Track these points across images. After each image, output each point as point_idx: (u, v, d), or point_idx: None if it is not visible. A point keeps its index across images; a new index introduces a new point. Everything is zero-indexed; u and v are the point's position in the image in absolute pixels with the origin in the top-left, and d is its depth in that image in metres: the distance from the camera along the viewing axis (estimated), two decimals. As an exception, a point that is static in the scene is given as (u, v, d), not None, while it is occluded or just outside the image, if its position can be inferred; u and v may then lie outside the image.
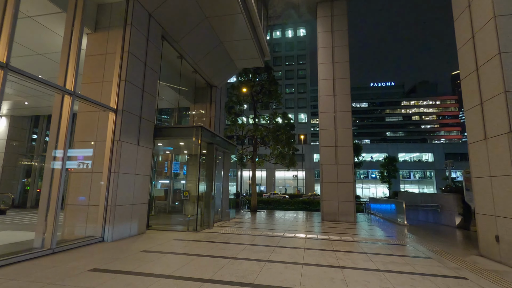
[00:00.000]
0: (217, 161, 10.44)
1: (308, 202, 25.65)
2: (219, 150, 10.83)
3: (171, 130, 8.76)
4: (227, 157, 11.49)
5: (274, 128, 15.87)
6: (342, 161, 11.91)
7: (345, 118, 12.18)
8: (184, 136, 8.72)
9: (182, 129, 8.72)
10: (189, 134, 8.63)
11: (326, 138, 12.24)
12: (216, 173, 11.24)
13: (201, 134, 8.35)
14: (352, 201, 11.54)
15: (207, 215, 8.79)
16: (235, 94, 16.54)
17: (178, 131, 8.71)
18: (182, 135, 8.70)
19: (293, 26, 67.15)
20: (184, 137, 8.82)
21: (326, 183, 11.91)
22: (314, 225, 10.43)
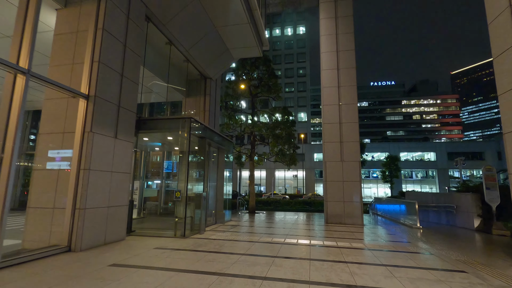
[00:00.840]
0: (211, 158, 9.43)
1: (309, 203, 24.63)
2: (213, 146, 9.81)
3: (156, 122, 7.75)
4: (222, 154, 10.48)
5: (273, 125, 14.86)
6: (347, 157, 10.90)
7: (350, 111, 11.18)
8: (171, 129, 7.70)
9: (168, 121, 7.71)
10: (176, 126, 7.61)
11: (330, 133, 11.23)
12: (210, 171, 10.22)
13: (190, 126, 7.33)
14: (359, 202, 10.53)
15: (198, 218, 7.77)
16: (231, 88, 15.52)
17: (164, 123, 7.70)
18: (168, 128, 7.68)
19: (293, 24, 66.25)
20: (171, 130, 7.80)
21: (330, 182, 10.90)
22: (318, 228, 9.42)
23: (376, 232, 8.87)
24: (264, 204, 25.00)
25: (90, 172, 5.58)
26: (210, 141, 9.19)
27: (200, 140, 8.46)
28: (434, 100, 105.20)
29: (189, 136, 7.36)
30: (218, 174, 10.22)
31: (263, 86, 15.24)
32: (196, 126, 7.74)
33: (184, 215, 7.17)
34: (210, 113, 12.53)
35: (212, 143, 9.52)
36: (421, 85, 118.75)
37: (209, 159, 9.39)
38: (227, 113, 15.19)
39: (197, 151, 8.48)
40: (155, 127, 7.74)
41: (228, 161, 11.64)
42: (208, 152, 9.47)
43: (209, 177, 9.39)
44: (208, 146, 9.48)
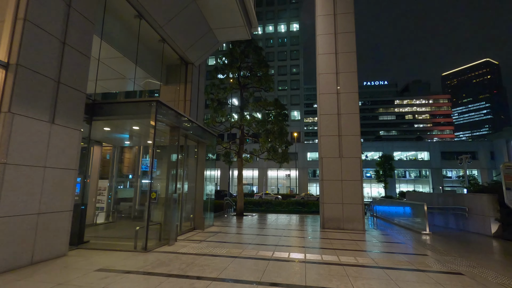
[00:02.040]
0: (189, 154, 7.96)
1: (302, 203, 23.35)
2: (191, 139, 8.34)
3: (115, 107, 6.23)
4: (202, 149, 9.00)
5: (264, 118, 13.44)
6: (347, 153, 9.57)
7: (350, 100, 9.85)
8: (133, 115, 6.19)
9: (129, 105, 6.19)
10: (139, 111, 6.12)
11: (327, 126, 9.88)
12: (188, 169, 8.75)
13: (156, 111, 5.85)
14: (360, 204, 9.21)
15: (168, 225, 6.29)
16: (218, 79, 14.03)
17: (124, 107, 6.18)
18: (130, 114, 6.17)
19: (286, 21, 65.02)
20: (134, 117, 6.29)
21: (327, 182, 9.55)
22: (314, 235, 8.04)
23: (382, 240, 7.55)
24: (255, 205, 23.58)
25: (6, 168, 4.05)
26: (186, 133, 7.70)
27: (172, 131, 6.97)
28: (426, 100, 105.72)
29: (155, 123, 5.87)
30: (198, 172, 8.74)
31: (253, 76, 13.80)
32: (165, 112, 6.25)
33: (146, 222, 5.68)
34: (191, 103, 11.03)
35: (190, 136, 8.04)
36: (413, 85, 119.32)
37: (186, 154, 7.91)
38: (213, 105, 13.69)
39: (169, 144, 6.99)
40: (114, 113, 6.22)
41: (211, 157, 10.17)
42: (185, 146, 8.00)
43: (185, 175, 7.91)
44: (185, 139, 8.00)
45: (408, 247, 6.68)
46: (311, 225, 10.41)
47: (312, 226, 9.97)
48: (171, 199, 6.40)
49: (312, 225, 10.26)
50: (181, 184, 7.84)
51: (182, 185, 7.80)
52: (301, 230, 9.08)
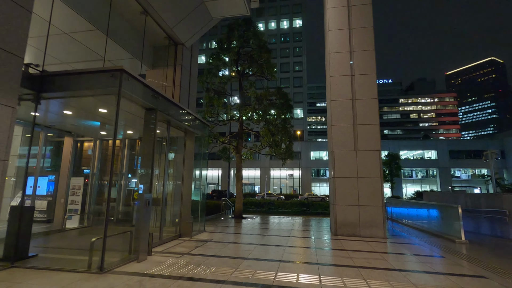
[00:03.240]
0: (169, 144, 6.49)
1: (307, 204, 21.78)
2: (175, 127, 6.85)
3: (68, 80, 4.74)
4: (191, 140, 7.51)
5: (265, 107, 11.92)
6: (364, 146, 8.04)
7: (367, 83, 8.33)
8: (91, 90, 4.70)
9: (86, 76, 4.68)
10: (100, 84, 4.65)
11: (339, 114, 8.35)
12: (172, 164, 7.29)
13: (120, 84, 4.37)
14: (380, 206, 7.68)
15: (139, 233, 4.81)
16: (214, 65, 12.55)
17: (80, 80, 4.69)
18: (88, 88, 4.69)
19: (289, 16, 63.49)
20: (93, 92, 4.80)
21: (340, 180, 8.03)
22: (326, 246, 6.53)
23: (413, 252, 6.01)
24: (256, 206, 22.07)
25: None
26: (168, 118, 6.22)
27: (147, 113, 5.49)
28: (432, 98, 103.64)
29: (119, 99, 4.40)
30: (185, 168, 7.26)
31: (252, 61, 12.29)
32: (134, 87, 4.77)
33: (104, 232, 4.19)
34: (182, 89, 9.57)
35: (174, 123, 6.55)
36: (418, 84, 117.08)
37: (168, 146, 6.43)
38: (208, 95, 12.19)
39: (143, 132, 5.51)
40: (68, 87, 4.74)
41: (202, 150, 8.69)
42: (167, 136, 6.51)
43: (168, 171, 6.44)
44: (167, 126, 6.52)
45: (450, 263, 5.15)
46: (320, 230, 8.90)
47: (322, 232, 8.45)
48: (143, 200, 4.92)
49: (321, 231, 8.75)
50: (163, 182, 6.37)
51: (163, 183, 6.32)
52: (309, 237, 7.57)
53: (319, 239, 7.22)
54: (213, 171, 53.23)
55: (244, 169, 52.85)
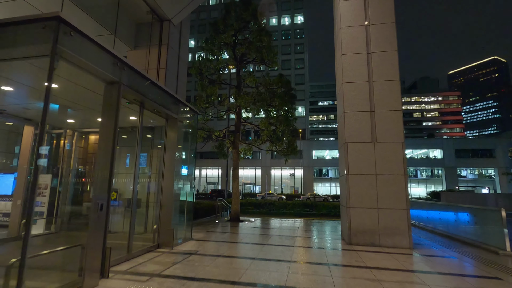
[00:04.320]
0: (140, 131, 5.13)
1: (310, 205, 20.42)
2: (151, 110, 5.49)
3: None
4: (173, 128, 6.13)
5: (265, 96, 10.54)
6: (384, 136, 6.68)
7: (387, 62, 6.95)
8: (18, 48, 3.35)
9: (11, 28, 3.33)
10: (29, 40, 3.29)
11: (352, 98, 6.98)
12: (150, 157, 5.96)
13: (56, 39, 3.02)
14: (405, 209, 6.31)
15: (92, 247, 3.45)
16: (208, 50, 11.17)
17: (6, 35, 3.34)
18: (14, 45, 3.34)
19: (290, 13, 62.11)
20: (25, 51, 3.44)
21: (354, 177, 6.66)
22: (341, 260, 5.17)
23: (456, 270, 4.64)
24: (256, 207, 20.73)
25: None
26: (141, 99, 4.87)
27: (109, 89, 4.14)
28: (435, 97, 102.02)
29: (52, 61, 3.04)
30: (165, 163, 5.90)
31: (250, 45, 10.90)
32: (81, 45, 3.41)
33: (22, 251, 2.84)
34: (168, 72, 8.22)
35: (149, 104, 5.20)
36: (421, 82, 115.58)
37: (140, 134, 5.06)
38: (201, 83, 10.81)
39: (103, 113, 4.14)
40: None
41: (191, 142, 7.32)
42: (139, 120, 5.15)
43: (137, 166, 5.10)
44: (140, 109, 5.16)
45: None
46: (329, 237, 7.54)
47: (332, 240, 7.08)
48: (94, 203, 3.56)
49: (330, 238, 7.39)
50: (133, 179, 5.01)
51: (133, 182, 4.97)
52: (319, 248, 6.19)
53: (331, 251, 5.85)
54: (213, 170, 51.93)
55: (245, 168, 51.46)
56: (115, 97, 4.11)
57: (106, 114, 4.10)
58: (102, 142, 4.01)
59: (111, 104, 4.10)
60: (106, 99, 4.15)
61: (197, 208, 11.14)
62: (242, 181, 49.64)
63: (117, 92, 4.13)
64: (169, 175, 5.83)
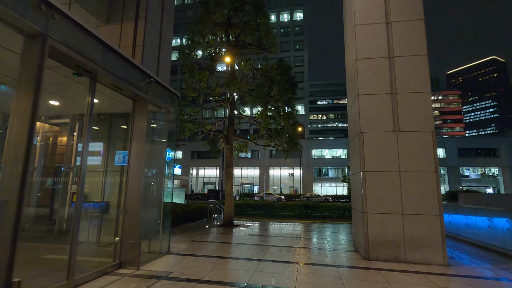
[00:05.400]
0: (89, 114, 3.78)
1: (312, 206, 19.09)
2: (106, 83, 4.13)
3: None
4: (142, 113, 4.76)
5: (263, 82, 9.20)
6: (408, 124, 5.37)
7: (411, 33, 5.65)
8: None
9: None
10: None
11: (369, 78, 5.68)
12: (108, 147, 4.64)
13: None
14: (438, 215, 5.01)
15: None
16: (198, 32, 9.82)
17: None
18: None
19: (289, 9, 60.84)
20: None
21: (372, 175, 5.35)
22: (361, 286, 3.85)
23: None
24: (253, 208, 19.40)
25: None
26: (92, 67, 3.53)
27: (28, 46, 2.81)
28: (435, 96, 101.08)
29: None
30: (131, 156, 4.55)
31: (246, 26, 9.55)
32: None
33: None
34: (146, 50, 6.89)
35: (105, 77, 3.85)
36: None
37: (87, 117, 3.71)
38: (188, 68, 9.45)
39: (20, 77, 2.82)
40: None
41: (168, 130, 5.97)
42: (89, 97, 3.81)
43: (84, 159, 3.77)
44: (91, 82, 3.81)
45: None
46: (340, 247, 6.22)
47: (343, 253, 5.76)
48: None
49: (341, 249, 6.07)
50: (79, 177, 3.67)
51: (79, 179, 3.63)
52: (329, 265, 4.87)
53: (346, 270, 4.53)
54: (210, 170, 50.57)
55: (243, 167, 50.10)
56: (37, 56, 2.78)
57: (23, 82, 2.76)
58: (15, 124, 2.68)
59: (31, 67, 2.77)
60: (25, 60, 2.81)
61: (185, 211, 9.82)
62: (241, 181, 48.34)
63: (41, 48, 2.79)
64: (136, 172, 4.49)
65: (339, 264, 4.85)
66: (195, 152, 50.70)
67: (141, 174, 4.49)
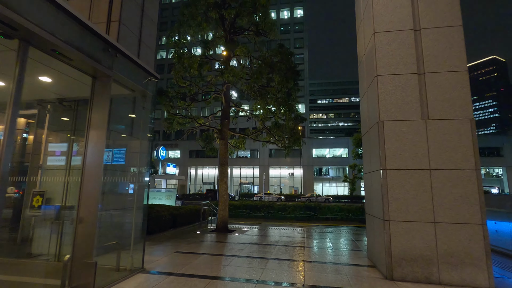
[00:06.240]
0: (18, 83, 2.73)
1: (313, 208, 18.06)
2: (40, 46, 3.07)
3: None
4: (102, 90, 3.71)
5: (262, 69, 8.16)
6: (440, 111, 4.34)
7: (443, 1, 4.61)
8: None
9: None
10: None
11: (390, 54, 4.65)
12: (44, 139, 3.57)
13: None
14: (480, 224, 3.99)
15: None
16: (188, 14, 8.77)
17: None
18: None
19: (290, 6, 59.81)
20: None
21: (395, 173, 4.32)
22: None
23: None
24: (251, 210, 18.39)
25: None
26: (15, 19, 2.49)
27: None
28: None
29: None
30: (88, 149, 3.51)
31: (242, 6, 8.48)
32: None
33: None
34: (123, 27, 5.84)
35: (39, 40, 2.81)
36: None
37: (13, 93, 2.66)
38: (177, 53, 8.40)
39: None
40: None
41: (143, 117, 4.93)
42: (17, 67, 2.76)
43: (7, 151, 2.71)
44: (21, 46, 2.77)
45: None
46: (352, 262, 5.19)
47: (358, 271, 4.72)
48: None
49: (354, 264, 5.04)
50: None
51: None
52: (343, 285, 3.83)
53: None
54: (209, 170, 49.53)
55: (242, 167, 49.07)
56: None
57: None
58: None
59: None
60: None
61: (174, 215, 8.78)
62: (240, 180, 47.34)
63: None
64: (95, 169, 3.45)
65: (356, 286, 3.82)
66: (194, 151, 49.69)
67: (101, 172, 3.45)
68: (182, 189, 47.21)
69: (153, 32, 7.05)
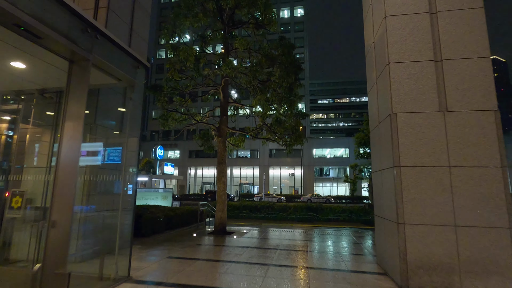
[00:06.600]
0: None
1: (315, 208, 17.61)
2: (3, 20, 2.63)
3: None
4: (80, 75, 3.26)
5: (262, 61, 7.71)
6: (460, 102, 3.91)
7: (461, -21, 4.19)
8: None
9: None
10: None
11: (403, 40, 4.21)
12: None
13: None
14: (508, 228, 3.55)
15: None
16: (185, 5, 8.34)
17: None
18: None
19: (290, 5, 59.42)
20: None
21: (410, 171, 3.88)
22: None
23: None
24: (251, 210, 17.95)
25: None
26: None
27: None
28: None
29: None
30: (63, 143, 3.08)
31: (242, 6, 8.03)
32: None
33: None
34: (113, 14, 5.41)
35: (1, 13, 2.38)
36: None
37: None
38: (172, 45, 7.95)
39: None
40: None
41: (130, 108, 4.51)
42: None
43: None
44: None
45: None
46: (361, 269, 4.75)
47: (368, 277, 4.28)
48: None
49: (361, 268, 4.60)
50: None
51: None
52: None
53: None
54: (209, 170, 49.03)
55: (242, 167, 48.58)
56: None
57: None
58: None
59: None
60: None
61: (170, 216, 8.34)
62: (240, 181, 46.91)
63: None
64: (69, 167, 3.01)
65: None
66: (193, 151, 49.21)
67: (76, 170, 3.01)
68: (181, 189, 46.74)
69: (146, 22, 6.61)
